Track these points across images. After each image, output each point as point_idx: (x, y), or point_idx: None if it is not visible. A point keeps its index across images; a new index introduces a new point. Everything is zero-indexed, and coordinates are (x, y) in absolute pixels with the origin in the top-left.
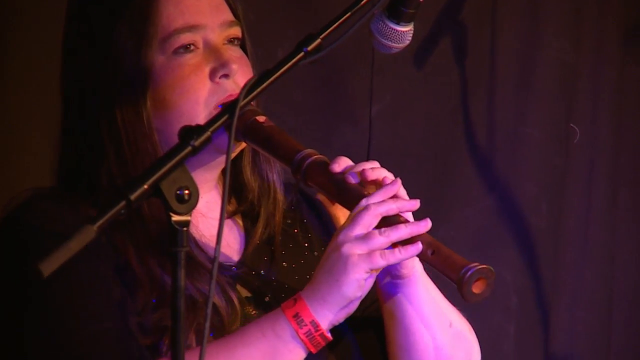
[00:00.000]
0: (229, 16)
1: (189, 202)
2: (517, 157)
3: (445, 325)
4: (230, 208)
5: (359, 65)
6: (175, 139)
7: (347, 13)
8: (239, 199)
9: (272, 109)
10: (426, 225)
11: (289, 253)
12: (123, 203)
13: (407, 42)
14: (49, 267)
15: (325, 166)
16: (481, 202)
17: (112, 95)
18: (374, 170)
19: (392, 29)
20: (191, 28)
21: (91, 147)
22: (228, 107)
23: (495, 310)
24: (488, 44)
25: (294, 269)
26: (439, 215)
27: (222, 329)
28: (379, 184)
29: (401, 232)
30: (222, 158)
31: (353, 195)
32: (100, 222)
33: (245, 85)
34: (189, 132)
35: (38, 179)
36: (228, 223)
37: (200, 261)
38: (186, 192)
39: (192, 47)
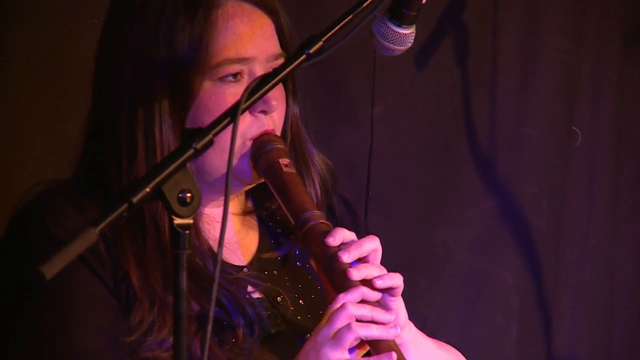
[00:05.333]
0: (277, 49)
1: (191, 205)
2: (519, 158)
3: None
4: (249, 205)
5: (361, 67)
6: (207, 162)
7: (349, 15)
8: (261, 199)
9: None
10: (395, 332)
11: (303, 253)
12: (125, 206)
13: (409, 44)
14: (51, 270)
15: (322, 236)
16: (482, 204)
17: (153, 108)
18: (360, 269)
19: (394, 31)
20: (241, 60)
21: (122, 153)
22: (230, 110)
23: (496, 311)
24: (489, 46)
25: (308, 269)
26: (440, 216)
27: (235, 345)
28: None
29: (370, 331)
30: (243, 186)
31: (337, 277)
32: (102, 225)
33: (248, 87)
34: (191, 135)
35: (38, 178)
36: (244, 223)
37: (209, 275)
38: (188, 194)
39: (238, 77)
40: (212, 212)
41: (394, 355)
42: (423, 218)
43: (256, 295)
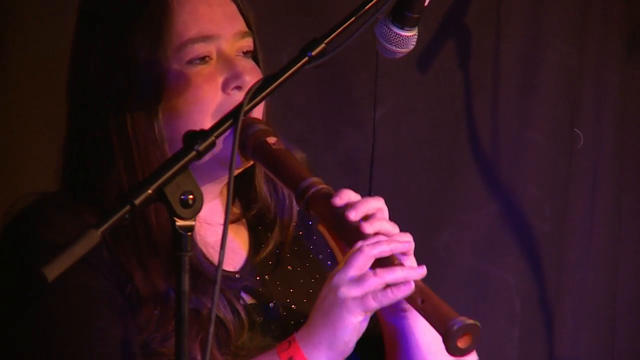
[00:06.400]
0: (243, 26)
1: (193, 206)
2: (521, 161)
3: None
4: (236, 211)
5: (363, 70)
6: None
7: (351, 18)
8: (246, 202)
9: (276, 114)
10: (421, 272)
11: (294, 256)
12: (127, 208)
13: (412, 46)
14: (52, 271)
15: (328, 198)
16: (485, 206)
17: (123, 101)
18: (373, 223)
19: (397, 33)
20: (205, 38)
21: (99, 154)
22: (232, 112)
23: (499, 314)
24: (492, 49)
25: (299, 272)
26: (442, 219)
27: (229, 342)
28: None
29: (396, 274)
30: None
31: (350, 233)
32: (104, 227)
33: (250, 89)
34: (193, 137)
35: (38, 179)
36: (233, 228)
37: (203, 271)
38: (190, 196)
39: (206, 59)
40: (200, 212)
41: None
42: (425, 220)
43: (249, 301)
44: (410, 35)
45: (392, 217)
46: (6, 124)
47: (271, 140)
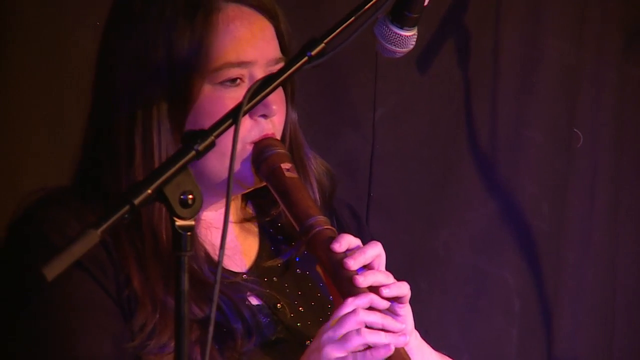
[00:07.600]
0: (277, 53)
1: (193, 206)
2: (520, 160)
3: None
4: (249, 211)
5: (363, 70)
6: (208, 166)
7: (350, 17)
8: (259, 205)
9: None
10: (404, 340)
11: (303, 260)
12: (127, 208)
13: (411, 46)
14: (52, 271)
15: (328, 242)
16: (484, 205)
17: (152, 112)
18: (367, 276)
19: (396, 33)
20: (242, 64)
21: (119, 158)
22: (232, 112)
23: (497, 313)
24: (491, 48)
25: (308, 276)
26: (441, 218)
27: (234, 349)
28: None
29: (380, 338)
30: (243, 190)
31: (344, 282)
32: (104, 226)
33: (250, 89)
34: (193, 137)
35: (38, 178)
36: (244, 230)
37: (204, 279)
38: (190, 196)
39: (238, 81)
40: (209, 217)
41: None
42: (424, 219)
43: (255, 302)
44: (410, 35)
45: (392, 216)
46: (6, 123)
47: (285, 166)
